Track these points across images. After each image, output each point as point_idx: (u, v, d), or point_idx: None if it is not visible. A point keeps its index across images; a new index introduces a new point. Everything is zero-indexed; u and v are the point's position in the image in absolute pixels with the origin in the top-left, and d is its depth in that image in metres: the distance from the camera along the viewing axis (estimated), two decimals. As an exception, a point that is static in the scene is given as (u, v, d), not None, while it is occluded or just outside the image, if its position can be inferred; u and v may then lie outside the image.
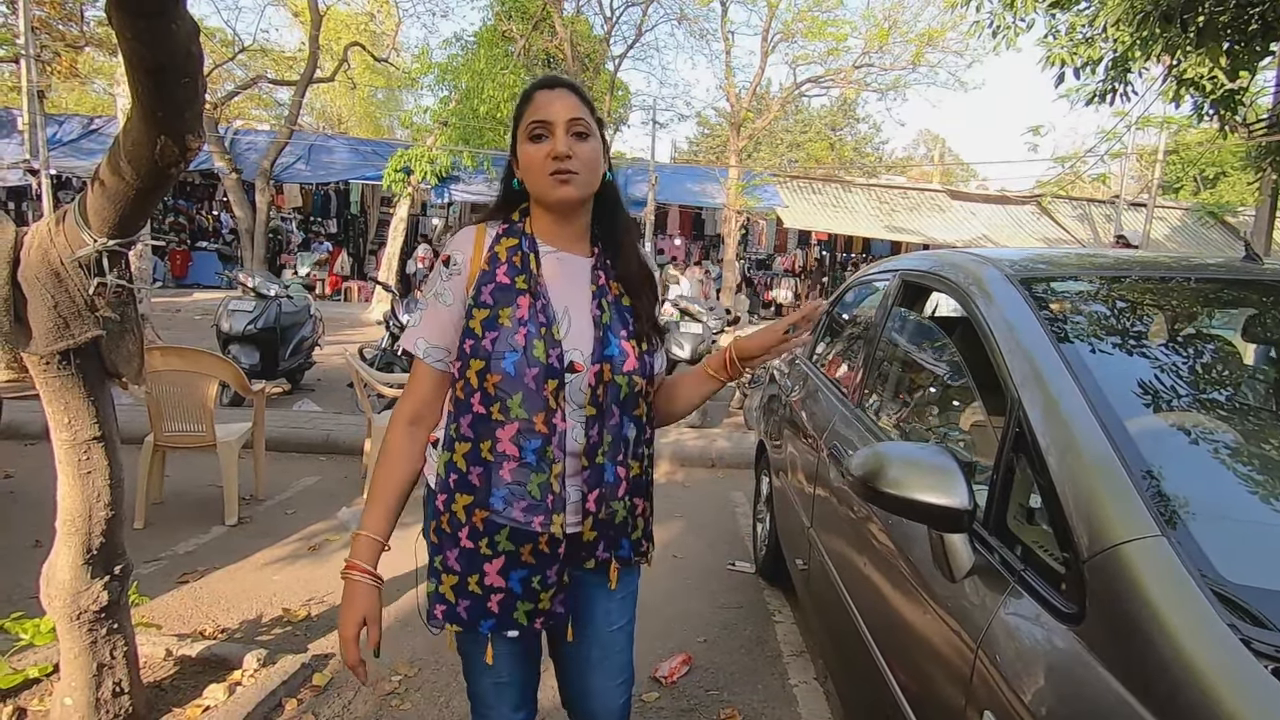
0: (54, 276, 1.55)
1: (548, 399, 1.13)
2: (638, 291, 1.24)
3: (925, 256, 2.17)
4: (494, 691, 1.28)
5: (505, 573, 1.16)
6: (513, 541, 1.15)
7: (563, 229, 1.22)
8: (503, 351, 1.12)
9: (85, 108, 18.89)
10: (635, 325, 1.23)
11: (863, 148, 30.29)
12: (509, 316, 1.13)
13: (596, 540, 1.21)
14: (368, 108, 24.28)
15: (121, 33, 1.26)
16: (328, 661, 2.43)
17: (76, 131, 14.67)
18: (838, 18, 15.21)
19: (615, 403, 1.19)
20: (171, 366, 3.47)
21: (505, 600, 1.16)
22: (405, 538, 1.30)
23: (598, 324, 1.18)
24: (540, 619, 1.19)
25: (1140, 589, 0.87)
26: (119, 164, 1.46)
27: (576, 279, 1.21)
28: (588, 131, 1.15)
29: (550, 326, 1.15)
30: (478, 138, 13.00)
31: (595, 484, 1.18)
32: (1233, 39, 4.74)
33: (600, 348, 1.17)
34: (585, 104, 1.17)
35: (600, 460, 1.18)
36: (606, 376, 1.17)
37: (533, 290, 1.16)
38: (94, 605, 1.78)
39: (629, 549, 1.26)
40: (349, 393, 5.98)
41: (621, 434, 1.21)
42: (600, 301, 1.20)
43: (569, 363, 1.15)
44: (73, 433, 1.71)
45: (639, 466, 1.26)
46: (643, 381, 1.22)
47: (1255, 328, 1.68)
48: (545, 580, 1.17)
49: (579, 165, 1.14)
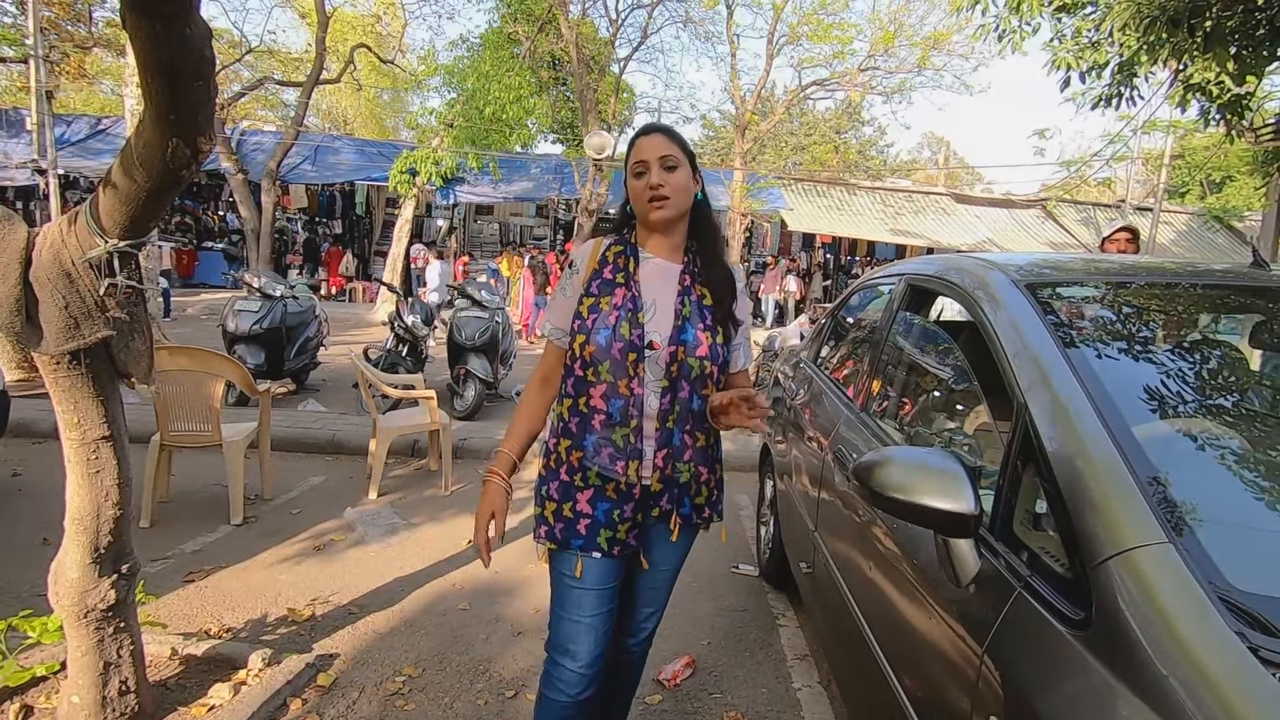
0: (65, 277, 1.56)
1: (628, 368, 1.43)
2: (719, 294, 1.52)
3: (931, 261, 2.17)
4: (574, 631, 1.52)
5: (593, 503, 1.48)
6: (600, 479, 1.47)
7: (661, 241, 1.53)
8: (599, 328, 1.45)
9: (93, 108, 18.98)
10: (712, 320, 1.50)
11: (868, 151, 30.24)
12: (607, 303, 1.47)
13: (663, 493, 1.49)
14: (373, 109, 24.34)
15: (136, 36, 1.27)
16: (333, 661, 2.44)
17: (84, 132, 14.75)
18: (843, 20, 15.20)
19: (686, 379, 1.46)
20: (179, 366, 3.49)
21: (591, 526, 1.48)
22: (416, 542, 1.31)
23: (678, 315, 1.47)
24: (618, 547, 1.48)
25: (1147, 596, 0.87)
26: (131, 166, 1.47)
27: (667, 280, 1.52)
28: (676, 164, 1.46)
29: (637, 313, 1.45)
30: (483, 139, 13.02)
31: (664, 444, 1.46)
32: (1240, 44, 4.73)
33: (678, 333, 1.46)
34: (675, 142, 1.48)
35: (670, 425, 1.45)
36: (680, 356, 1.45)
37: (627, 285, 1.48)
38: (101, 604, 1.79)
39: (690, 508, 1.54)
40: (354, 393, 5.99)
41: (690, 407, 1.47)
42: (684, 299, 1.49)
43: (649, 341, 1.44)
44: (82, 432, 1.72)
45: (704, 438, 1.51)
46: (713, 366, 1.48)
47: (1262, 334, 1.68)
48: (622, 514, 1.47)
49: (670, 191, 1.45)
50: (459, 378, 5.99)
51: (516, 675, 2.44)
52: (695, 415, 1.48)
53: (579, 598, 1.51)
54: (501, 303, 6.55)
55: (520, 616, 2.81)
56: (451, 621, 2.77)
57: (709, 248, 1.56)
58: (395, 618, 2.77)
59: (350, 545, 3.41)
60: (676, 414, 1.46)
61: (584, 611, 1.51)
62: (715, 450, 1.58)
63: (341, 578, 3.07)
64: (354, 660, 2.46)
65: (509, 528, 1.66)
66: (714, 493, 1.59)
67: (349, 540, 3.46)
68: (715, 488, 1.59)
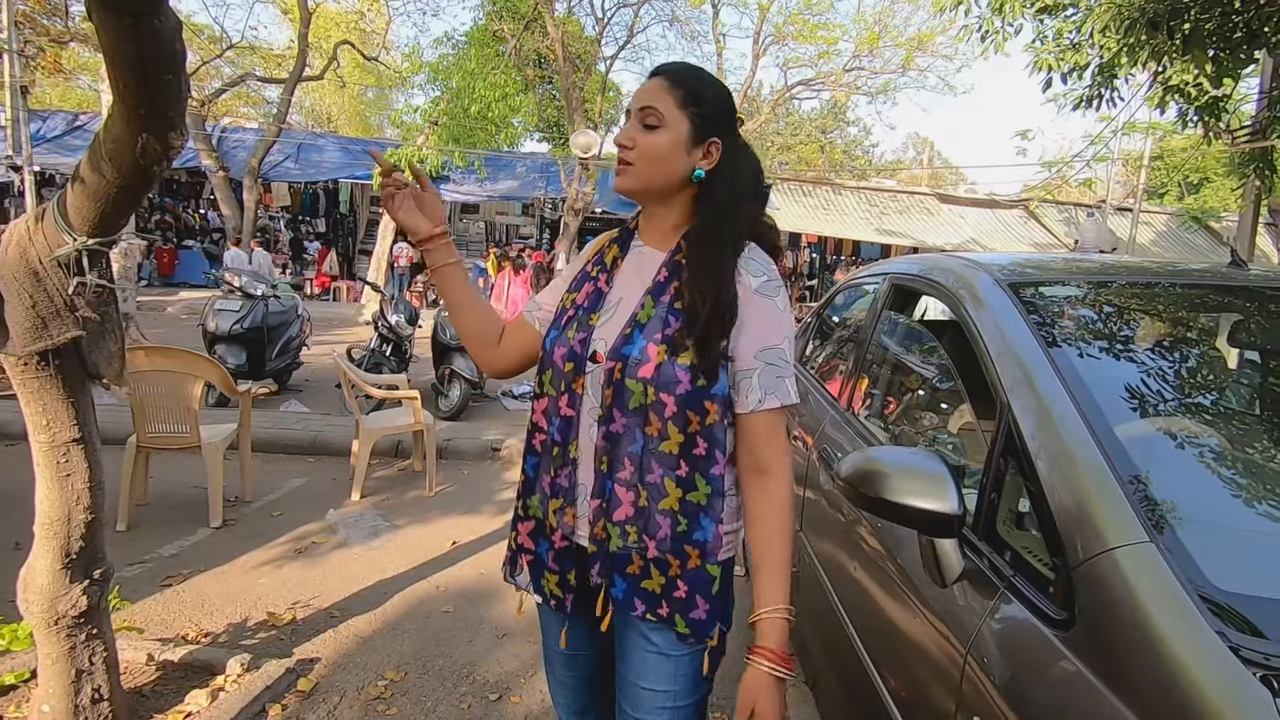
0: (32, 276, 1.52)
1: (563, 382, 1.13)
2: (696, 298, 1.07)
3: (915, 260, 2.17)
4: (553, 685, 1.31)
5: (534, 537, 1.19)
6: (541, 510, 1.16)
7: (650, 223, 1.19)
8: (553, 329, 1.18)
9: (70, 104, 18.67)
10: (679, 331, 1.07)
11: (853, 151, 30.42)
12: (571, 301, 1.19)
13: (594, 559, 1.11)
14: (357, 106, 24.13)
15: (103, 29, 1.23)
16: (314, 666, 2.40)
17: (61, 128, 14.50)
18: (828, 21, 15.29)
19: (623, 409, 1.08)
20: (156, 366, 3.43)
21: (534, 563, 1.19)
22: (399, 544, 1.29)
23: (632, 319, 1.11)
24: (554, 601, 1.17)
25: (1128, 595, 0.87)
26: (100, 162, 1.43)
27: (644, 272, 1.16)
28: (659, 122, 1.08)
29: (591, 312, 1.15)
30: (469, 138, 12.95)
31: (597, 494, 1.10)
32: (1218, 46, 4.80)
33: (620, 343, 1.09)
34: (673, 91, 1.09)
35: (603, 468, 1.09)
36: (617, 375, 1.08)
37: (597, 279, 1.19)
38: (73, 610, 1.75)
39: (623, 590, 1.09)
40: (337, 393, 5.93)
41: (629, 448, 1.08)
42: (649, 299, 1.11)
43: (592, 351, 1.12)
44: (51, 434, 1.68)
45: (646, 498, 1.07)
46: (663, 395, 1.06)
47: (1241, 333, 1.70)
48: (550, 568, 1.17)
49: (634, 156, 1.09)
50: (443, 378, 5.95)
51: (500, 678, 2.41)
52: (637, 460, 1.07)
53: (549, 654, 1.29)
54: (487, 302, 6.50)
55: (504, 619, 2.79)
56: (435, 625, 2.74)
57: (702, 235, 1.12)
58: (377, 621, 2.73)
59: (332, 548, 3.37)
60: (610, 455, 1.08)
61: (556, 669, 1.29)
62: (688, 526, 1.08)
63: (323, 581, 3.03)
64: (335, 665, 2.43)
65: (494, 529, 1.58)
66: (678, 584, 1.08)
67: (331, 543, 3.42)
68: (683, 578, 1.08)
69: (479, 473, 4.69)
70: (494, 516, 3.85)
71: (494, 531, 3.62)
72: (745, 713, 1.05)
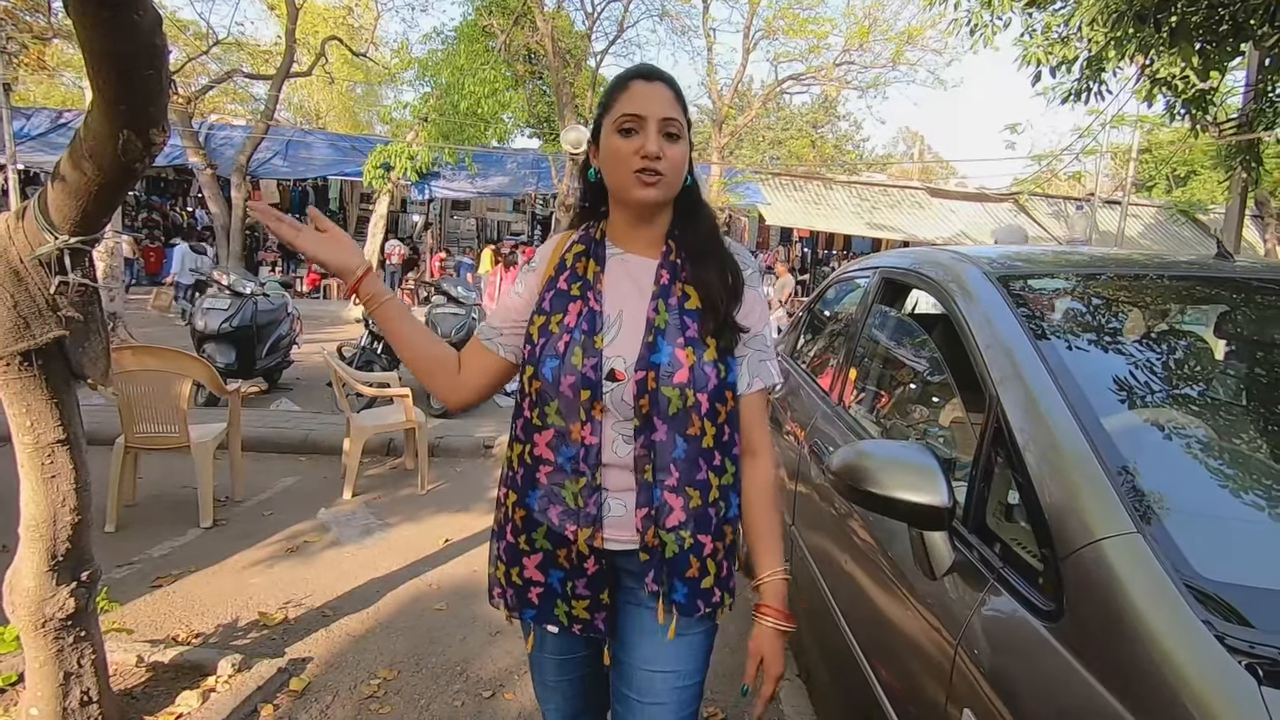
0: (13, 275, 1.49)
1: (581, 410, 1.09)
2: (711, 293, 1.13)
3: (906, 254, 2.18)
4: (542, 692, 1.32)
5: (544, 569, 1.17)
6: (549, 541, 1.15)
7: (638, 231, 1.18)
8: (545, 358, 1.12)
9: (54, 101, 18.44)
10: (699, 330, 1.11)
11: (844, 145, 30.42)
12: (558, 323, 1.13)
13: (648, 567, 1.12)
14: (346, 103, 23.96)
15: (81, 23, 1.22)
16: (306, 665, 2.39)
17: (44, 125, 14.34)
18: (819, 15, 15.29)
19: (662, 417, 1.09)
20: (144, 366, 3.40)
21: (545, 595, 1.18)
22: (392, 543, 1.28)
23: (650, 326, 1.11)
24: (579, 625, 1.17)
25: (1116, 586, 0.88)
26: (80, 159, 1.41)
27: (639, 281, 1.15)
28: (679, 134, 1.11)
29: (594, 334, 1.11)
30: (459, 134, 12.89)
31: (644, 503, 1.10)
32: (1204, 39, 4.82)
33: (648, 353, 1.09)
34: (680, 103, 1.12)
35: (647, 477, 1.10)
36: (651, 385, 1.08)
37: (584, 296, 1.14)
38: (60, 613, 1.74)
39: (685, 595, 1.13)
40: (328, 392, 5.90)
41: (672, 454, 1.10)
42: (659, 303, 1.12)
43: (609, 371, 1.10)
44: (35, 436, 1.66)
45: (699, 497, 1.11)
46: (699, 396, 1.09)
47: (1227, 324, 1.71)
48: (574, 589, 1.15)
49: (666, 168, 1.09)
50: (435, 375, 5.92)
51: (494, 675, 2.41)
52: (683, 464, 1.11)
53: (539, 660, 1.29)
54: (478, 299, 6.48)
55: (497, 617, 2.77)
56: (428, 622, 2.73)
57: (701, 240, 1.17)
58: (370, 620, 2.73)
59: (324, 547, 3.35)
60: (654, 463, 1.10)
61: (546, 675, 1.29)
62: (720, 509, 1.14)
63: (315, 580, 3.01)
64: (328, 664, 2.42)
65: (487, 526, 1.57)
66: (723, 567, 1.17)
67: (323, 542, 3.40)
68: (725, 561, 1.17)
69: (471, 470, 4.68)
70: (487, 514, 3.84)
71: (487, 528, 3.59)
72: (755, 662, 1.18)
